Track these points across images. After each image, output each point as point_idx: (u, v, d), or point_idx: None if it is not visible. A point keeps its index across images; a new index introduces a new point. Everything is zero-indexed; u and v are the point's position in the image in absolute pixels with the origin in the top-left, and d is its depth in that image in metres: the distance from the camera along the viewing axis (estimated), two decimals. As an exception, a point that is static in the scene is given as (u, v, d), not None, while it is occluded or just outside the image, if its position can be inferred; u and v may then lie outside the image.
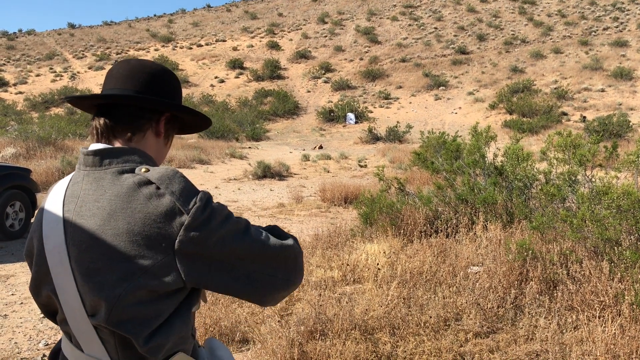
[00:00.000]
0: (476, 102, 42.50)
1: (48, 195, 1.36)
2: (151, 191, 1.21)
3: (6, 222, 7.85)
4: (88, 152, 1.31)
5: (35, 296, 1.37)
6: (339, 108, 41.12)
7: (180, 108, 1.42)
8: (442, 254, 5.52)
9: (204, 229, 1.20)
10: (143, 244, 1.17)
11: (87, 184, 1.27)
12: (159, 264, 1.18)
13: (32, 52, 70.30)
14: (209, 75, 56.11)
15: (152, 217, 1.18)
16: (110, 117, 1.34)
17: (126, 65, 1.40)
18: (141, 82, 1.37)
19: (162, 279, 1.19)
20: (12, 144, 16.19)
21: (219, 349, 1.50)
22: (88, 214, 1.23)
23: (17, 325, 4.81)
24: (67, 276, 1.23)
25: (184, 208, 1.19)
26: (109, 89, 1.37)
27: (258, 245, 1.26)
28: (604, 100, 38.70)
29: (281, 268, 1.31)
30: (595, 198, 4.81)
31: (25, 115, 37.69)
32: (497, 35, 61.58)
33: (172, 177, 1.23)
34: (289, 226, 9.26)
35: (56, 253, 1.25)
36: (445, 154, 7.68)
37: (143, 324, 1.20)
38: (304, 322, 3.94)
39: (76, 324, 1.25)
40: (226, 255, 1.23)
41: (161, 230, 1.18)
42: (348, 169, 18.84)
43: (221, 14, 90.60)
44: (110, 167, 1.27)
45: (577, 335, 3.76)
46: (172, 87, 1.44)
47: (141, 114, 1.36)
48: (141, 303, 1.19)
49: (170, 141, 1.50)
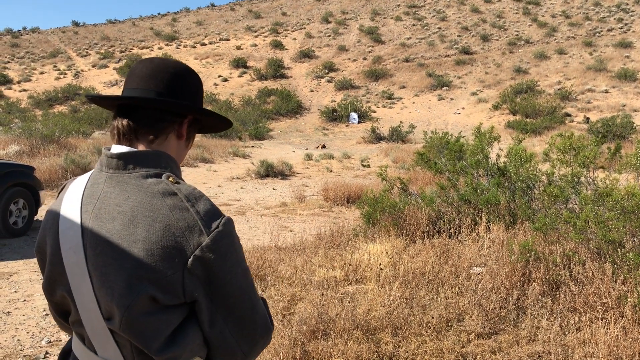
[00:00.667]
0: (479, 103, 42.43)
1: (64, 194, 1.35)
2: (175, 203, 1.21)
3: (9, 220, 7.87)
4: (112, 154, 1.30)
5: (49, 295, 1.35)
6: (342, 108, 41.09)
7: (204, 112, 1.41)
8: (444, 255, 5.52)
9: (220, 255, 1.20)
10: (157, 255, 1.17)
11: (108, 187, 1.26)
12: (168, 278, 1.18)
13: (36, 50, 70.40)
14: (213, 74, 56.11)
15: (172, 229, 1.18)
16: (133, 119, 1.33)
17: (149, 64, 1.38)
18: (164, 83, 1.36)
19: (167, 292, 1.19)
20: (16, 142, 16.22)
21: None
22: (107, 217, 1.22)
23: (20, 323, 4.82)
24: (83, 277, 1.23)
25: (206, 229, 1.19)
26: (132, 89, 1.36)
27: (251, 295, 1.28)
28: (608, 102, 38.60)
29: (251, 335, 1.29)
30: (598, 199, 4.81)
31: (29, 112, 37.76)
32: (500, 36, 61.48)
33: (199, 197, 1.24)
34: (291, 225, 9.27)
35: (72, 253, 1.24)
36: (448, 155, 7.67)
37: (154, 335, 1.20)
38: (306, 321, 3.94)
39: (92, 326, 1.24)
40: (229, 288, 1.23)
41: (178, 244, 1.18)
42: (351, 169, 18.84)
43: (225, 13, 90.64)
44: (134, 172, 1.27)
45: (580, 336, 3.75)
46: (195, 88, 1.43)
47: (164, 117, 1.35)
48: (149, 314, 1.19)
49: (192, 142, 1.49)
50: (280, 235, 7.66)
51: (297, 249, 6.56)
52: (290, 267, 5.56)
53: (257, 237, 8.18)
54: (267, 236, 7.89)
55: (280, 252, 6.45)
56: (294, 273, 5.36)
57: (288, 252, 6.38)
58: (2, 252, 7.13)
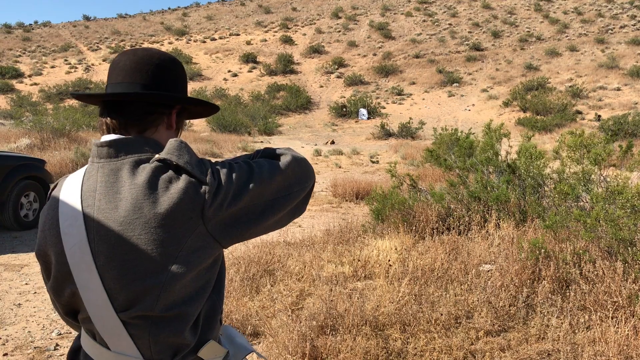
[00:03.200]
0: (490, 100, 42.26)
1: (60, 192, 1.32)
2: (170, 175, 1.22)
3: (21, 213, 7.93)
4: (102, 143, 1.29)
5: (57, 297, 1.33)
6: (351, 103, 41.06)
7: (191, 101, 1.42)
8: (454, 252, 5.50)
9: (222, 191, 1.23)
10: (173, 225, 1.19)
11: (102, 176, 1.25)
12: (192, 237, 1.21)
13: (47, 44, 70.77)
14: (222, 69, 56.22)
15: (175, 198, 1.20)
16: (122, 114, 1.32)
17: (133, 56, 1.36)
18: (150, 75, 1.34)
19: (199, 250, 1.22)
20: (27, 135, 16.32)
21: (237, 337, 1.52)
22: (110, 207, 1.22)
23: (30, 315, 4.86)
24: (90, 273, 1.22)
25: (200, 179, 1.22)
26: (117, 83, 1.34)
27: (266, 178, 1.30)
28: (620, 99, 38.31)
29: (293, 182, 1.36)
30: (609, 197, 4.77)
31: (40, 106, 37.92)
32: (512, 32, 61.13)
33: (179, 148, 1.26)
34: (300, 220, 9.27)
35: (77, 250, 1.23)
36: (458, 151, 7.64)
37: (192, 303, 1.24)
38: (315, 317, 3.94)
39: (102, 321, 1.24)
40: (247, 202, 1.27)
41: (187, 205, 1.20)
42: (360, 165, 18.81)
43: (235, 8, 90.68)
44: (126, 158, 1.26)
45: (590, 335, 3.73)
46: (180, 78, 1.43)
47: (153, 110, 1.34)
48: (185, 283, 1.22)
49: (182, 131, 1.50)
50: (289, 230, 7.66)
51: (306, 244, 6.56)
52: (299, 263, 5.56)
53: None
54: (276, 231, 7.90)
55: (289, 247, 6.46)
56: (302, 268, 5.37)
57: (297, 248, 6.38)
58: (14, 245, 7.19)
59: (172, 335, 1.24)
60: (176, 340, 1.25)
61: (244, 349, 1.48)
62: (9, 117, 28.21)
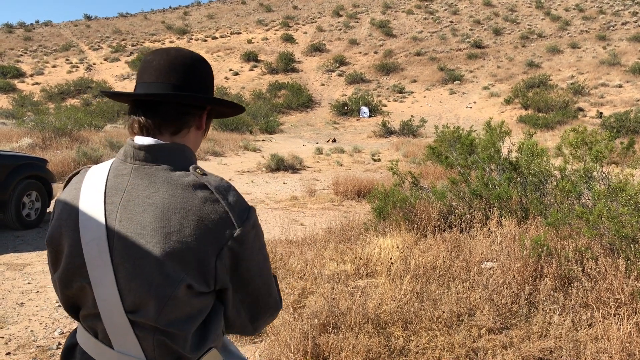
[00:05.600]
0: (491, 97, 42.22)
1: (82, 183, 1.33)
2: (207, 195, 1.24)
3: (23, 212, 7.94)
4: (140, 146, 1.29)
5: (64, 287, 1.32)
6: (352, 102, 41.05)
7: (223, 102, 1.44)
8: (455, 249, 5.50)
9: (247, 245, 1.26)
10: (192, 247, 1.20)
11: (135, 179, 1.26)
12: (202, 268, 1.22)
13: (48, 44, 70.82)
14: (224, 68, 56.20)
15: (205, 222, 1.21)
16: (157, 114, 1.33)
17: (166, 56, 1.37)
18: (183, 76, 1.36)
19: (201, 281, 1.23)
20: (29, 135, 16.34)
21: (229, 344, 1.55)
22: (137, 210, 1.23)
23: (33, 314, 4.87)
24: (105, 269, 1.23)
25: (236, 220, 1.24)
26: (150, 83, 1.35)
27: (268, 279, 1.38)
28: (622, 96, 38.25)
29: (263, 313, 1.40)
30: (611, 194, 4.76)
31: (41, 105, 38.02)
32: (513, 30, 61.04)
33: (228, 189, 1.28)
34: (302, 219, 9.27)
35: (94, 245, 1.24)
36: (460, 149, 7.64)
37: (190, 321, 1.25)
38: (317, 315, 3.94)
39: (111, 319, 1.24)
40: (252, 274, 1.31)
41: (211, 236, 1.22)
42: (361, 163, 18.81)
43: (236, 7, 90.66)
44: (162, 165, 1.27)
45: (592, 332, 3.73)
46: (210, 78, 1.45)
47: (187, 111, 1.36)
48: (187, 302, 1.23)
49: (207, 131, 1.51)
50: (290, 228, 7.67)
51: (308, 242, 6.56)
52: (301, 261, 5.56)
53: (268, 230, 8.19)
54: (278, 230, 7.90)
55: (290, 245, 6.46)
56: (304, 266, 5.37)
57: (299, 246, 6.38)
58: (16, 244, 7.20)
59: (174, 344, 1.25)
60: (178, 349, 1.26)
61: (238, 358, 1.53)
62: (11, 116, 28.25)
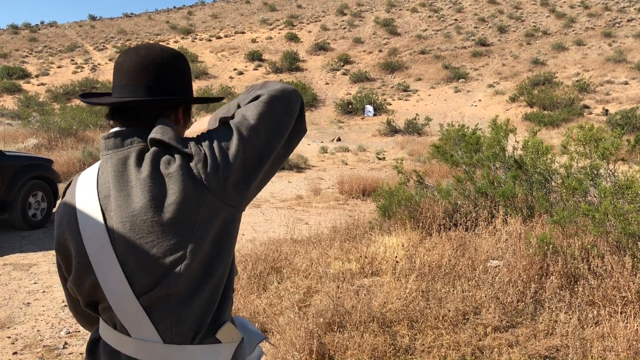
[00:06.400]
0: (496, 95, 42.09)
1: (75, 187, 1.36)
2: (168, 157, 1.26)
3: (28, 212, 7.97)
4: (108, 135, 1.33)
5: (77, 289, 1.35)
6: (357, 100, 40.97)
7: (196, 101, 1.44)
8: (461, 248, 5.48)
9: (209, 160, 1.26)
10: (184, 202, 1.23)
11: (112, 166, 1.29)
12: (204, 208, 1.24)
13: (53, 44, 71.03)
14: (228, 67, 56.23)
15: (176, 176, 1.24)
16: (130, 119, 1.35)
17: (135, 57, 1.37)
18: (154, 76, 1.36)
19: (212, 218, 1.25)
20: (34, 135, 16.40)
21: (249, 325, 1.57)
22: (123, 195, 1.26)
23: (39, 314, 4.88)
24: (109, 262, 1.25)
25: (185, 152, 1.26)
26: (122, 86, 1.36)
27: (250, 131, 1.31)
28: (627, 93, 38.06)
29: (279, 117, 1.37)
30: (618, 192, 4.74)
31: (47, 106, 38.10)
32: (518, 27, 60.85)
33: (162, 127, 1.29)
34: (307, 218, 9.28)
35: (95, 240, 1.26)
36: (465, 147, 7.61)
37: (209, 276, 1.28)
38: (322, 314, 3.94)
39: (123, 308, 1.27)
40: (241, 159, 1.29)
41: (189, 180, 1.24)
42: (366, 162, 18.79)
43: (240, 6, 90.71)
44: (132, 146, 1.30)
45: (599, 330, 3.71)
46: (184, 74, 1.45)
47: (159, 113, 1.37)
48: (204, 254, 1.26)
49: (189, 122, 1.52)
50: (295, 227, 7.67)
51: (313, 241, 6.56)
52: (306, 260, 5.56)
53: (273, 229, 8.19)
54: (283, 229, 7.90)
55: (295, 244, 6.46)
56: (309, 265, 5.37)
57: (304, 245, 6.38)
58: (22, 244, 7.22)
59: (193, 312, 1.27)
60: (197, 318, 1.28)
61: (257, 335, 1.54)
62: (17, 117, 28.32)
